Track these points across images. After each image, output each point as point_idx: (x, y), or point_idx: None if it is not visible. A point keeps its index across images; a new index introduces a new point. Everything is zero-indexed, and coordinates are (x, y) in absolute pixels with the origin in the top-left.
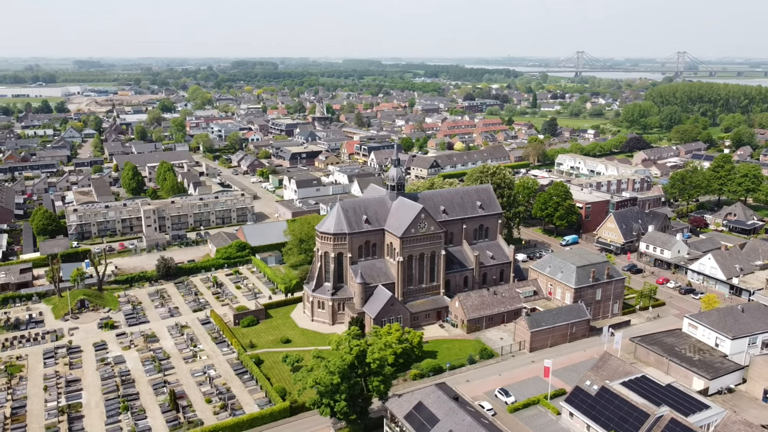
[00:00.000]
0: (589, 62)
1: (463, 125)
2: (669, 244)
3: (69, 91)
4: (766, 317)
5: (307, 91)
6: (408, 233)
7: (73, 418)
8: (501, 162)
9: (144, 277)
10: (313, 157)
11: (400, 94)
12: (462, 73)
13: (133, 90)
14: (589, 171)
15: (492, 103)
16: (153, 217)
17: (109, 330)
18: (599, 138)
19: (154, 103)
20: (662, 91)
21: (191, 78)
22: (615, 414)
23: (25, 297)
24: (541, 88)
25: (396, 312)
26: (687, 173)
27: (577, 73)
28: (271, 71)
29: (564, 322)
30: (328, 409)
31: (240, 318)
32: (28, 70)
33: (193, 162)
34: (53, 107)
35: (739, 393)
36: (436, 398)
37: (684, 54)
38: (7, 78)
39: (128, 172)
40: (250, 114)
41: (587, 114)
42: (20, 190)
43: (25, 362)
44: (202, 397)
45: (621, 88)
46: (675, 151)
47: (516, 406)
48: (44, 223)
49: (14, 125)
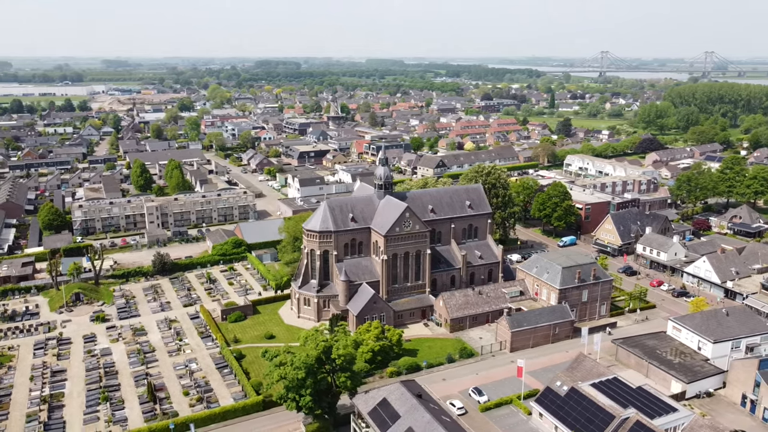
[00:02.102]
0: (615, 62)
1: (476, 125)
2: (666, 247)
3: (94, 90)
4: (751, 321)
5: (326, 90)
6: (392, 232)
7: (54, 407)
8: (509, 162)
9: (140, 272)
10: (321, 156)
11: (419, 94)
12: (483, 73)
13: (156, 89)
14: (597, 172)
15: (509, 103)
16: (156, 213)
17: (100, 323)
18: (613, 139)
19: (174, 102)
20: (681, 91)
21: (214, 77)
22: (582, 415)
23: (24, 290)
24: (562, 88)
25: (379, 310)
26: (693, 175)
27: (601, 74)
28: (294, 71)
29: (546, 323)
30: (294, 403)
31: (228, 313)
32: (57, 69)
33: (204, 160)
34: (76, 106)
35: (718, 397)
36: (400, 395)
37: (711, 54)
38: (36, 77)
39: (137, 170)
40: (266, 113)
41: (606, 114)
42: (33, 186)
43: (16, 353)
44: (181, 389)
45: (643, 88)
46: (689, 153)
47: (488, 406)
48: (50, 218)
49: (37, 123)
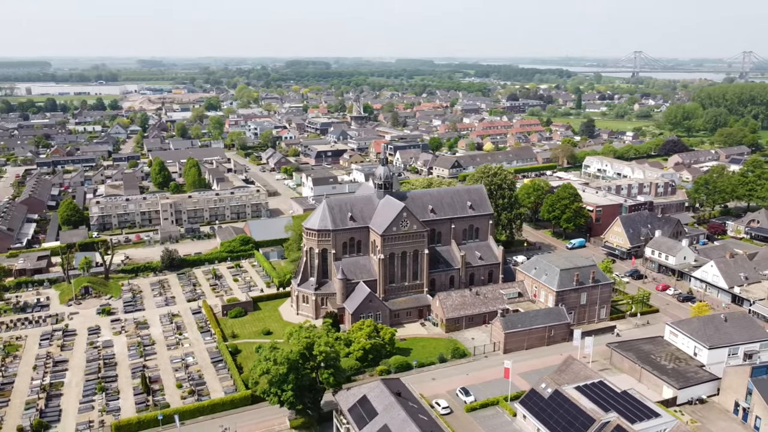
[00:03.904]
0: (649, 62)
1: (499, 126)
2: (674, 250)
3: (126, 90)
4: (750, 328)
5: (353, 90)
6: (389, 231)
7: (52, 395)
8: (527, 163)
9: (149, 268)
10: (338, 155)
11: (445, 94)
12: (513, 74)
13: (187, 89)
14: (616, 174)
15: (535, 104)
16: (170, 210)
17: (106, 316)
18: (636, 140)
19: (201, 102)
20: (711, 92)
21: (244, 77)
22: (563, 418)
23: (38, 282)
24: (591, 88)
25: (375, 308)
26: (711, 177)
27: (634, 74)
28: (323, 71)
29: (541, 325)
30: (276, 398)
31: (228, 309)
32: (93, 69)
33: (224, 159)
34: (107, 105)
35: (711, 404)
36: (379, 393)
37: (750, 53)
38: (73, 76)
39: (156, 167)
40: (290, 113)
41: (633, 116)
42: (58, 182)
43: (23, 342)
44: (175, 382)
45: (675, 89)
46: (714, 155)
47: (473, 406)
48: (68, 214)
49: (69, 121)
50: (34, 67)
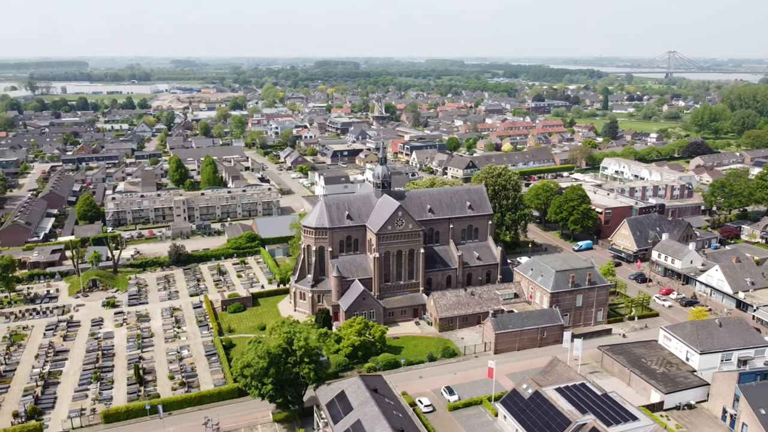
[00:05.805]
0: (684, 63)
1: (520, 126)
2: (681, 254)
3: (157, 89)
4: (745, 333)
5: (379, 90)
6: (384, 230)
7: (49, 383)
8: (544, 164)
9: (157, 263)
10: (354, 155)
11: (470, 94)
12: (542, 74)
13: (216, 88)
14: (633, 176)
15: (560, 105)
16: (183, 207)
17: (110, 308)
18: (660, 142)
19: (228, 101)
20: (741, 93)
21: (273, 77)
22: (540, 419)
23: (49, 275)
24: (621, 89)
25: (369, 306)
26: (728, 180)
27: (667, 75)
28: (351, 71)
29: (534, 326)
30: (257, 391)
31: (228, 304)
32: (127, 69)
33: (243, 157)
34: (136, 104)
35: (699, 410)
36: (357, 388)
37: None
38: (108, 76)
39: (173, 165)
40: (314, 112)
41: (662, 117)
42: (80, 179)
43: (29, 332)
44: (168, 374)
45: (708, 90)
46: (738, 158)
47: (456, 405)
48: (85, 209)
49: (98, 120)
50: (72, 67)
